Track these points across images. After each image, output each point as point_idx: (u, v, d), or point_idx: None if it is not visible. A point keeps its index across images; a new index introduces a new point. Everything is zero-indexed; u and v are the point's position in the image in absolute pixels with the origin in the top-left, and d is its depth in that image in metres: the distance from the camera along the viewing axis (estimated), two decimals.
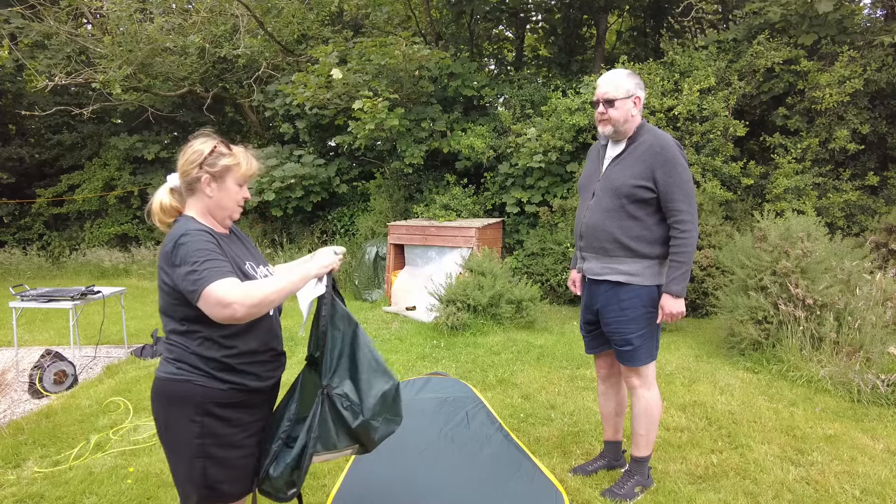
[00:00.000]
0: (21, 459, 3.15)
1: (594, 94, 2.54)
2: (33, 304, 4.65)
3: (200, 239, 1.61)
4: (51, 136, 12.75)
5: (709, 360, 4.86)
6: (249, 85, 10.41)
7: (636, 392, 2.61)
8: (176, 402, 1.67)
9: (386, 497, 2.56)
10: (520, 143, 7.74)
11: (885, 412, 3.64)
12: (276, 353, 1.82)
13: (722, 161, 6.98)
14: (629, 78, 2.49)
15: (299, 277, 1.70)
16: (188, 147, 1.73)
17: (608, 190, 2.51)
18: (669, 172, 2.39)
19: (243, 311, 1.55)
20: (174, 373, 1.67)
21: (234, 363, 1.69)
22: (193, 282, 1.55)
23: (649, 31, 10.64)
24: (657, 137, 2.46)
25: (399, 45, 7.71)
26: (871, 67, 6.66)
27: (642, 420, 2.61)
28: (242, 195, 1.80)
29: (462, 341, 5.50)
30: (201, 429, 1.66)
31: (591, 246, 2.58)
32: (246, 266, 1.76)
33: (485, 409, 3.45)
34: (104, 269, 11.12)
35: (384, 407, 1.79)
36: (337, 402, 1.73)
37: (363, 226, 9.08)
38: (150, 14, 10.01)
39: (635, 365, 2.55)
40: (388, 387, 1.79)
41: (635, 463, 2.68)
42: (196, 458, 1.67)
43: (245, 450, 1.74)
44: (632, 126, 2.51)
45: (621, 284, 2.52)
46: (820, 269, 4.62)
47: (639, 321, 2.51)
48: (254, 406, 1.77)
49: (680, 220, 2.41)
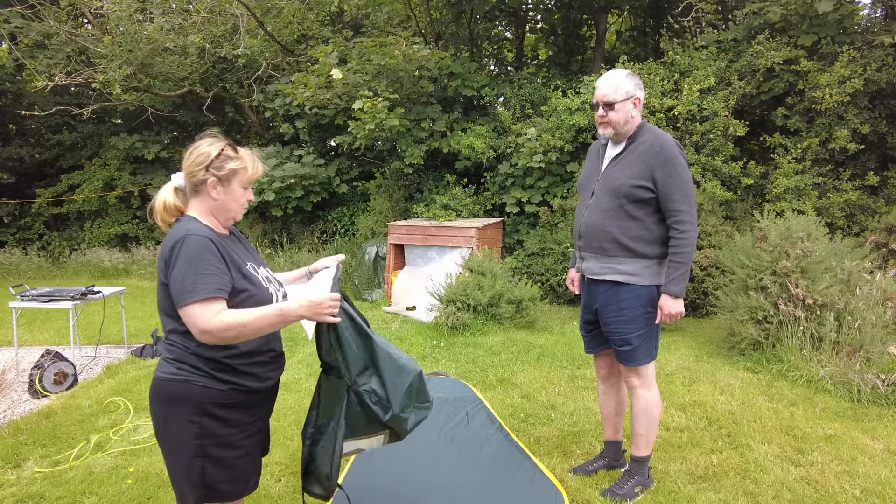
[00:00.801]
0: (21, 459, 3.15)
1: (594, 95, 2.53)
2: (33, 304, 4.65)
3: (199, 246, 1.60)
4: (51, 136, 12.75)
5: (709, 360, 4.86)
6: (249, 85, 10.41)
7: (636, 392, 2.61)
8: (175, 402, 1.67)
9: (386, 497, 2.56)
10: (520, 143, 7.74)
11: (885, 412, 3.64)
12: (275, 353, 1.82)
13: (722, 161, 6.98)
14: (628, 79, 2.47)
15: (276, 314, 1.61)
16: (195, 148, 1.71)
17: (607, 190, 2.51)
18: (669, 172, 2.39)
19: (214, 342, 1.59)
20: (174, 373, 1.67)
21: (235, 364, 1.69)
22: (181, 291, 1.56)
23: (649, 31, 10.64)
24: (657, 137, 2.45)
25: (399, 45, 7.71)
26: (871, 67, 6.66)
27: (642, 420, 2.61)
28: (247, 197, 1.80)
29: (462, 341, 5.50)
30: (200, 429, 1.66)
31: (590, 245, 2.58)
32: (247, 267, 1.75)
33: (485, 408, 3.45)
34: (104, 269, 11.12)
35: (411, 398, 1.83)
36: (366, 398, 1.74)
37: (363, 226, 9.09)
38: (150, 14, 10.01)
39: (634, 365, 2.55)
40: (412, 378, 1.82)
41: (635, 463, 2.67)
42: (195, 458, 1.67)
43: (244, 449, 1.74)
44: (632, 127, 2.50)
45: (620, 284, 2.51)
46: (820, 269, 4.62)
47: (638, 321, 2.51)
48: (253, 406, 1.77)
49: (679, 221, 2.41)
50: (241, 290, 1.67)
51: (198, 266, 1.58)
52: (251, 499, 2.64)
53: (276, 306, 1.63)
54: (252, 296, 1.69)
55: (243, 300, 1.66)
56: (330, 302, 1.62)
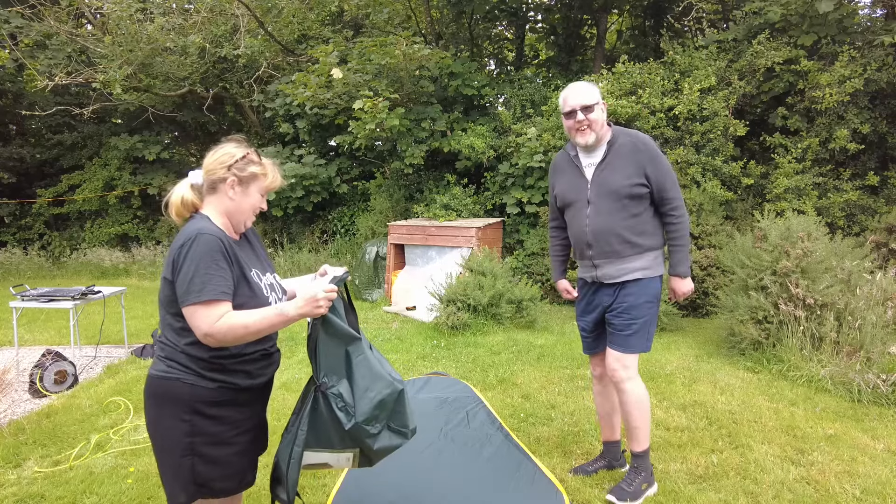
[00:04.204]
0: (21, 459, 3.15)
1: (564, 107, 2.60)
2: (34, 304, 4.65)
3: (210, 246, 1.61)
4: (51, 136, 12.76)
5: (709, 360, 4.86)
6: (250, 85, 10.42)
7: (622, 386, 2.61)
8: (165, 400, 1.67)
9: (386, 497, 2.56)
10: (520, 143, 7.74)
11: (885, 412, 3.64)
12: (267, 352, 1.81)
13: (722, 161, 6.98)
14: (592, 86, 2.61)
15: (276, 315, 1.63)
16: (220, 148, 1.76)
17: (606, 194, 2.57)
18: (658, 166, 2.54)
19: (215, 344, 1.61)
20: (165, 371, 1.68)
21: (225, 363, 1.69)
22: (186, 291, 1.57)
23: (649, 30, 10.64)
24: (635, 136, 2.60)
25: (399, 44, 7.71)
26: (871, 67, 6.66)
27: (634, 412, 2.62)
28: (260, 205, 1.83)
29: (462, 341, 5.50)
30: (191, 427, 1.66)
31: (602, 252, 2.61)
32: (251, 273, 1.75)
33: (485, 408, 3.45)
34: (104, 268, 11.13)
35: (382, 411, 1.72)
36: (332, 401, 1.68)
37: (363, 226, 9.09)
38: (150, 14, 10.02)
39: (627, 350, 2.59)
40: (387, 392, 1.72)
41: (638, 459, 2.67)
42: (185, 456, 1.67)
43: (237, 447, 1.74)
44: (606, 130, 2.61)
45: (638, 280, 2.60)
46: (820, 268, 4.62)
47: (641, 308, 2.59)
48: (245, 404, 1.76)
49: (674, 207, 2.57)
50: (241, 295, 1.68)
51: (207, 266, 1.59)
52: (249, 495, 2.64)
53: (276, 307, 1.64)
54: (247, 303, 1.69)
55: (239, 305, 1.66)
56: (324, 294, 1.61)
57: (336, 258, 8.98)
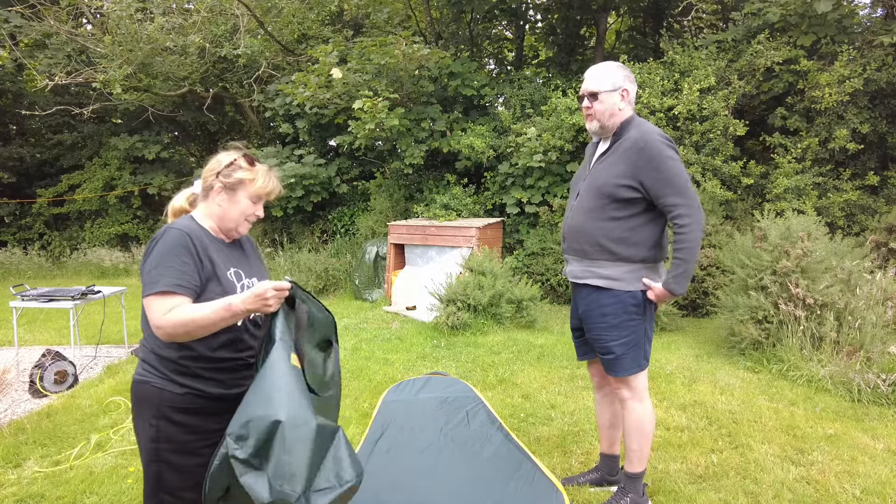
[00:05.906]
0: (21, 459, 3.15)
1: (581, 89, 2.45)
2: (34, 304, 4.65)
3: (173, 240, 1.61)
4: (51, 136, 12.76)
5: (709, 360, 4.86)
6: (249, 85, 10.41)
7: (626, 405, 2.47)
8: (138, 403, 1.67)
9: (386, 497, 2.56)
10: (520, 143, 7.74)
11: (885, 412, 3.64)
12: (246, 362, 1.74)
13: (722, 160, 6.98)
14: (618, 70, 2.36)
15: (223, 309, 1.54)
16: (214, 156, 1.79)
17: (592, 190, 2.38)
18: (657, 168, 2.23)
19: (166, 338, 1.57)
20: (140, 373, 1.68)
21: (192, 366, 1.65)
22: (147, 282, 1.58)
23: (649, 31, 10.64)
24: (642, 133, 2.28)
25: (399, 44, 7.71)
26: (870, 67, 6.66)
27: (634, 435, 2.46)
28: (254, 211, 1.79)
29: (462, 341, 5.50)
30: (157, 432, 1.63)
31: (572, 248, 2.47)
32: (228, 272, 1.70)
33: (485, 408, 3.45)
34: (104, 268, 11.13)
35: (253, 437, 1.38)
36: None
37: (363, 225, 9.09)
38: (150, 14, 10.01)
39: (620, 375, 2.40)
40: (261, 413, 1.40)
41: (629, 480, 2.53)
42: (151, 462, 1.64)
43: (205, 458, 1.63)
44: (618, 121, 2.36)
45: (602, 289, 2.38)
46: (820, 268, 4.62)
47: (621, 328, 2.36)
48: (216, 413, 1.67)
49: (677, 216, 2.25)
50: (210, 291, 1.64)
51: (168, 259, 1.58)
52: None
53: (224, 300, 1.56)
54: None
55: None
56: (273, 291, 1.53)
57: (336, 258, 8.98)
